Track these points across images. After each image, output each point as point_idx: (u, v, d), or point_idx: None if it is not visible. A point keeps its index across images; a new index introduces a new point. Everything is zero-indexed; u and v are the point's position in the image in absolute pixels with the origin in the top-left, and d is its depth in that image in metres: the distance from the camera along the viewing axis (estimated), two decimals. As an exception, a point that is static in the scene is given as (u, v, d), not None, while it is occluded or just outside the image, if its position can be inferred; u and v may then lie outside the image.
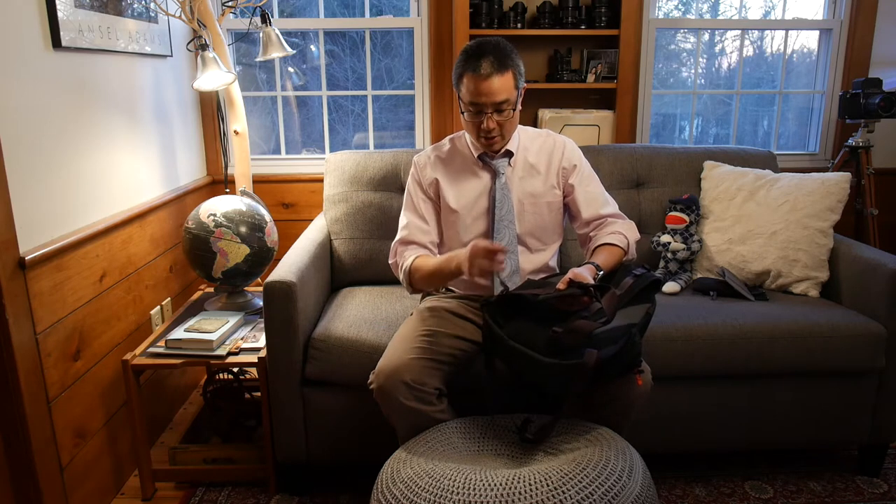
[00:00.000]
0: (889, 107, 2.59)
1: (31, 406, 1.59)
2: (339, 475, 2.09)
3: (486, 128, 1.70)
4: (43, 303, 1.65)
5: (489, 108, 1.67)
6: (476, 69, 1.64)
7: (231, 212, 2.14)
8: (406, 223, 1.85)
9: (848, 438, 2.03)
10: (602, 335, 1.45)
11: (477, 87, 1.65)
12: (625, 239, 1.78)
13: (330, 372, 1.85)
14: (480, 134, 1.73)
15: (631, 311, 1.53)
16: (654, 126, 3.10)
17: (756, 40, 3.13)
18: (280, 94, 2.95)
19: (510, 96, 1.67)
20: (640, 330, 1.50)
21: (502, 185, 1.79)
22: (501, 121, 1.70)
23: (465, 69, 1.67)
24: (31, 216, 1.63)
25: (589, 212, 1.84)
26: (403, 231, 1.85)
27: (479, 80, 1.64)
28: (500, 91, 1.65)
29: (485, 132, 1.71)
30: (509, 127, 1.74)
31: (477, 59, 1.65)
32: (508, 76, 1.66)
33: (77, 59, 1.85)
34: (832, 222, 2.15)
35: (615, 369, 1.48)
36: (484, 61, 1.64)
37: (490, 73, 1.63)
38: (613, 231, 1.79)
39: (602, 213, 1.84)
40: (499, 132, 1.72)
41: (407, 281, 1.79)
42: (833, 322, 1.92)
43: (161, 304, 2.34)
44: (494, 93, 1.65)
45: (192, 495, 2.00)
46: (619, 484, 1.28)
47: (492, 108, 1.67)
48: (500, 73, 1.64)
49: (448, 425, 1.58)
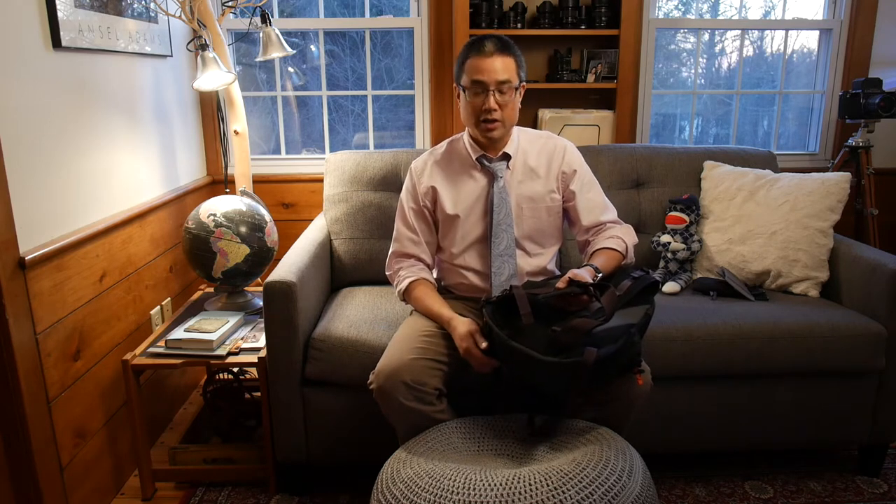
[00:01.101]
0: (889, 107, 2.59)
1: (31, 406, 1.59)
2: (339, 475, 2.09)
3: (487, 107, 1.70)
4: (43, 303, 1.65)
5: (491, 86, 1.69)
6: (480, 50, 1.69)
7: (231, 212, 2.14)
8: (397, 235, 1.89)
9: (848, 438, 2.03)
10: (601, 334, 1.45)
11: (480, 64, 1.68)
12: (623, 243, 1.78)
13: (330, 372, 1.85)
14: (481, 116, 1.72)
15: (630, 312, 1.54)
16: (654, 126, 3.10)
17: (756, 40, 3.13)
18: (280, 94, 2.95)
19: (512, 77, 1.70)
20: (640, 330, 1.50)
21: (500, 189, 1.78)
22: (502, 102, 1.71)
23: (468, 54, 1.72)
24: (31, 216, 1.63)
25: (589, 219, 1.84)
26: (396, 244, 1.89)
27: (483, 57, 1.68)
28: (502, 70, 1.68)
29: (486, 112, 1.71)
30: (509, 114, 1.74)
31: (480, 42, 1.71)
32: (511, 60, 1.70)
33: (77, 59, 1.85)
34: (832, 222, 2.15)
35: (615, 368, 1.48)
36: (488, 43, 1.70)
37: (493, 51, 1.68)
38: (612, 236, 1.79)
39: (602, 220, 1.85)
40: (500, 115, 1.72)
41: (401, 296, 1.86)
42: (833, 322, 1.92)
43: (161, 304, 2.34)
44: (497, 70, 1.68)
45: (192, 495, 2.00)
46: (619, 484, 1.28)
47: (494, 86, 1.69)
48: (503, 55, 1.69)
49: (448, 425, 1.58)
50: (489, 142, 1.79)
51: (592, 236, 1.84)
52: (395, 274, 1.87)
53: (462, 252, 1.83)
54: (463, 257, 1.84)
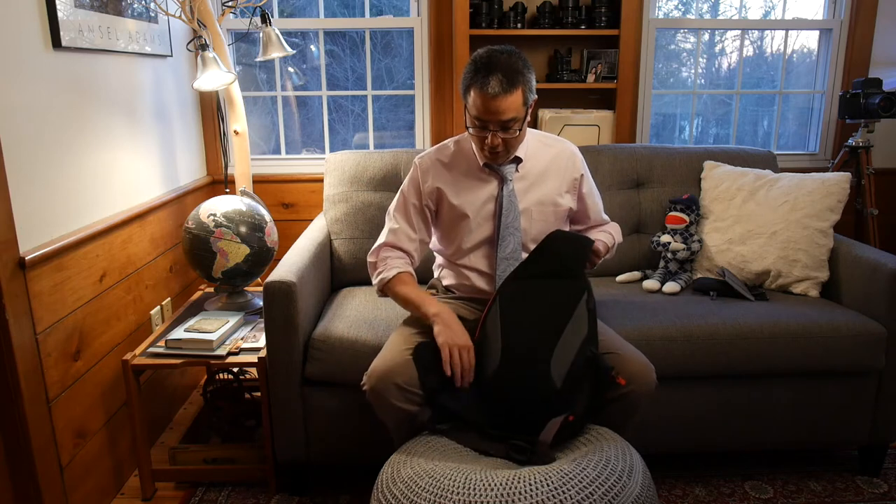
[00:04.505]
0: (889, 107, 2.59)
1: (31, 406, 1.59)
2: (339, 475, 2.09)
3: (489, 144, 1.66)
4: (43, 303, 1.65)
5: (495, 126, 1.63)
6: (484, 87, 1.58)
7: (231, 212, 2.14)
8: (396, 228, 1.82)
9: (848, 438, 2.03)
10: (569, 383, 1.50)
11: (484, 104, 1.60)
12: (612, 238, 1.90)
13: (330, 372, 1.85)
14: (485, 149, 1.70)
15: (576, 324, 1.56)
16: (654, 126, 3.10)
17: (756, 40, 3.13)
18: (280, 94, 2.95)
19: (518, 114, 1.63)
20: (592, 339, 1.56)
21: (510, 192, 1.77)
22: (507, 138, 1.66)
23: (472, 82, 1.61)
24: (31, 216, 1.63)
25: (595, 219, 1.96)
26: (391, 235, 1.82)
27: (487, 98, 1.58)
28: (507, 110, 1.60)
29: (489, 147, 1.68)
30: (514, 143, 1.71)
31: (486, 74, 1.59)
32: (517, 94, 1.60)
33: (77, 59, 1.85)
34: (832, 222, 2.15)
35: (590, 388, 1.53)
36: (493, 79, 1.57)
37: (497, 92, 1.57)
38: (605, 231, 1.92)
39: (604, 219, 1.97)
40: (503, 148, 1.69)
41: (380, 287, 1.79)
42: (833, 322, 1.92)
43: (161, 304, 2.34)
44: (501, 112, 1.60)
45: (192, 495, 2.00)
46: (620, 484, 1.28)
47: (497, 127, 1.64)
48: (509, 93, 1.59)
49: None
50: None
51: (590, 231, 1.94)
52: (381, 262, 1.80)
53: (467, 252, 1.83)
54: (468, 258, 1.83)
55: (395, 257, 1.80)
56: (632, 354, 1.60)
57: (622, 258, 2.37)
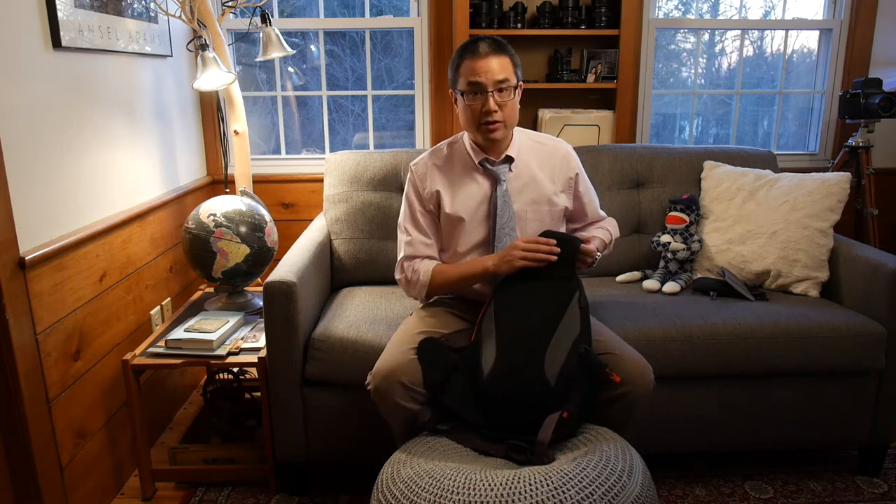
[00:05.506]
0: (889, 107, 2.59)
1: (31, 406, 1.59)
2: (339, 475, 2.09)
3: (487, 108, 1.67)
4: (43, 303, 1.65)
5: (490, 87, 1.66)
6: (474, 52, 1.67)
7: (231, 212, 2.14)
8: (410, 239, 1.82)
9: (848, 438, 2.03)
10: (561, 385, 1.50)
11: (476, 66, 1.66)
12: (609, 234, 1.90)
13: (330, 372, 1.85)
14: (481, 119, 1.69)
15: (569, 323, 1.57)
16: (654, 126, 3.10)
17: (756, 40, 3.13)
18: (280, 94, 2.95)
19: (510, 76, 1.68)
20: (585, 336, 1.57)
21: (503, 193, 1.77)
22: (502, 102, 1.68)
23: (462, 56, 1.71)
24: (31, 216, 1.63)
25: (593, 216, 1.96)
26: (408, 248, 1.82)
27: (478, 59, 1.66)
28: (499, 70, 1.67)
29: (486, 114, 1.68)
30: (510, 114, 1.71)
31: (473, 44, 1.69)
32: (506, 59, 1.69)
33: (77, 59, 1.85)
34: (832, 222, 2.15)
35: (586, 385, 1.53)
36: (481, 44, 1.68)
37: (488, 52, 1.67)
38: (602, 227, 1.93)
39: (601, 215, 1.97)
40: (500, 115, 1.69)
41: (425, 288, 1.78)
42: (833, 322, 1.92)
43: (161, 304, 2.34)
44: (494, 70, 1.66)
45: (192, 495, 2.00)
46: (619, 484, 1.28)
47: (492, 87, 1.67)
48: (498, 55, 1.68)
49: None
50: (491, 144, 1.77)
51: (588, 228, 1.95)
52: (409, 273, 1.80)
53: (464, 255, 1.82)
54: (464, 260, 1.83)
55: (420, 261, 1.81)
56: (629, 355, 1.60)
57: (622, 258, 2.37)
